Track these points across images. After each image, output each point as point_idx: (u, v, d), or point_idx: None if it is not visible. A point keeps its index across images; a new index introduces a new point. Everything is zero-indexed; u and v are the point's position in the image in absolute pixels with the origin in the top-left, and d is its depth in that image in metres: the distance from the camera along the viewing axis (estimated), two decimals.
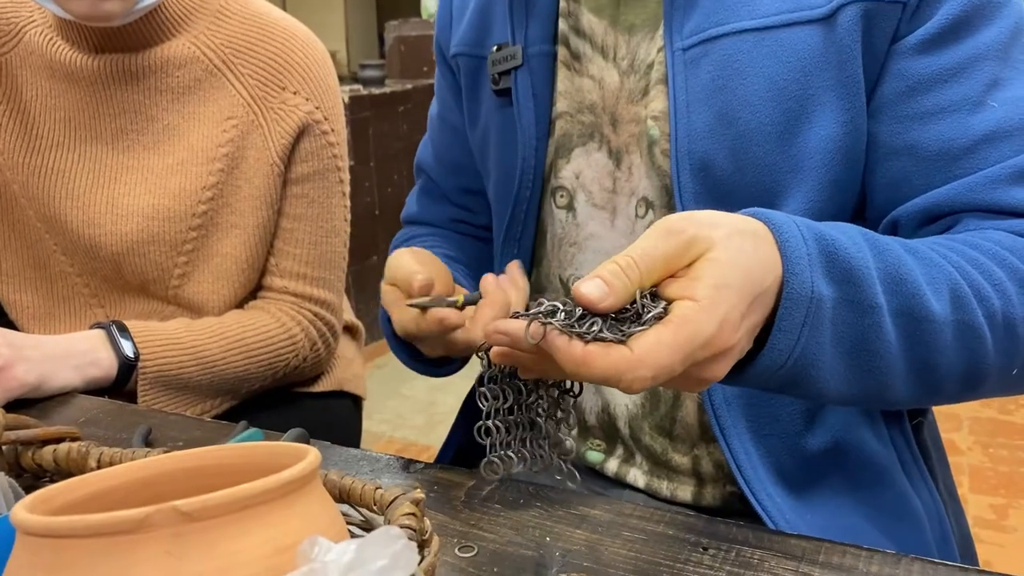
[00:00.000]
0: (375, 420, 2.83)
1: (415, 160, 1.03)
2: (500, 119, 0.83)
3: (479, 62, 0.85)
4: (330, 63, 1.13)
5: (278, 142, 1.06)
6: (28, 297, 1.12)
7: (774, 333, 0.55)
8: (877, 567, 0.54)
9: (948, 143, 0.66)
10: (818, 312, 0.56)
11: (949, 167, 0.66)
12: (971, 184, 0.65)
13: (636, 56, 0.75)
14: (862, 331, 0.58)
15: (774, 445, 0.72)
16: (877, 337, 0.58)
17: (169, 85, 1.05)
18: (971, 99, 0.66)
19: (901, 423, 0.75)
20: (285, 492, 0.36)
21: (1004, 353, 0.62)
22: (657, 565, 0.55)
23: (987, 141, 0.65)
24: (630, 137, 0.76)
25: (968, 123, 0.66)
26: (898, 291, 0.59)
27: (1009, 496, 2.29)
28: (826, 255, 0.57)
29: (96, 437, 0.78)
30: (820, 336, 0.56)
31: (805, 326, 0.55)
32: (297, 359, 1.10)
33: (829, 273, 0.57)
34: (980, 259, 0.62)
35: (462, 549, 0.58)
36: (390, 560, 0.32)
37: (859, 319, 0.58)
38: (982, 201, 0.65)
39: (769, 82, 0.68)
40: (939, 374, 0.62)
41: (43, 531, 0.34)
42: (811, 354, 0.57)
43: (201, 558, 0.33)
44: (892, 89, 0.68)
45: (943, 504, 0.75)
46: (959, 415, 2.74)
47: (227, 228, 1.07)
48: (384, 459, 0.72)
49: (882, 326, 0.58)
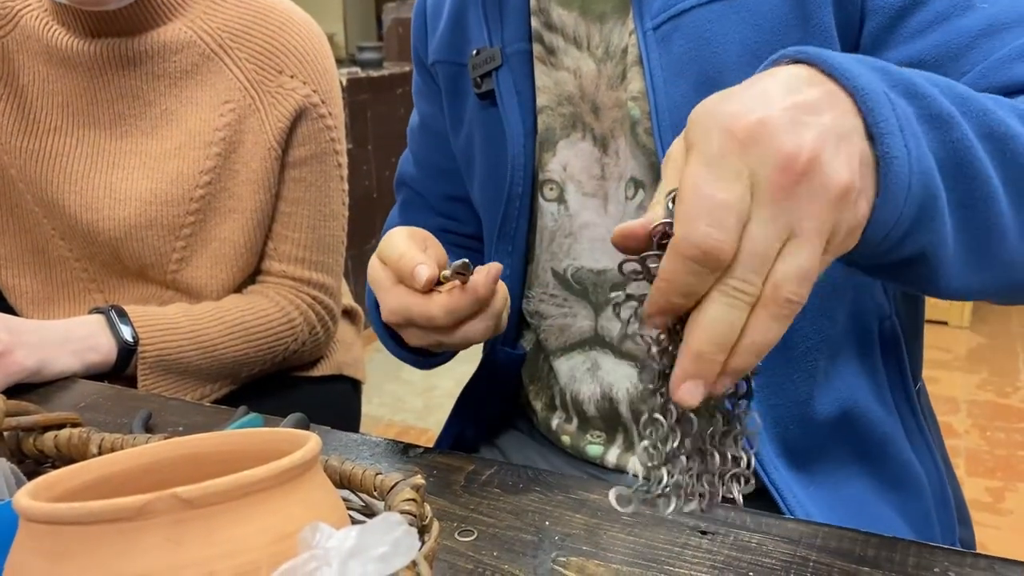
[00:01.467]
0: (374, 404, 2.83)
1: (396, 178, 1.02)
2: (484, 120, 0.83)
3: (458, 69, 0.85)
4: (327, 46, 1.13)
5: (275, 126, 1.06)
6: (27, 282, 1.12)
7: (879, 138, 0.43)
8: (874, 550, 0.54)
9: (947, 46, 0.64)
10: (905, 115, 0.45)
11: (954, 65, 0.64)
12: (984, 71, 0.62)
13: (610, 43, 0.75)
14: (954, 149, 0.48)
15: (781, 414, 0.72)
16: (971, 155, 0.49)
17: (166, 70, 1.05)
18: (959, 5, 0.64)
19: (905, 387, 0.76)
20: (286, 479, 0.36)
21: None
22: (656, 549, 0.56)
23: (986, 35, 0.63)
24: (614, 122, 0.76)
25: (961, 24, 0.64)
26: (967, 110, 0.50)
27: (1005, 479, 2.30)
28: (875, 68, 0.47)
29: (96, 422, 0.78)
30: (922, 146, 0.46)
31: (904, 131, 0.44)
32: (296, 343, 1.11)
33: (890, 84, 0.46)
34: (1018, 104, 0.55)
35: (462, 533, 0.58)
36: (391, 546, 0.33)
37: (945, 134, 0.48)
38: (999, 82, 0.60)
39: (741, 47, 0.68)
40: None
41: (45, 518, 0.34)
42: (927, 166, 0.46)
43: (202, 545, 0.33)
44: (878, 24, 0.67)
45: (943, 470, 0.76)
46: (957, 398, 2.75)
47: (225, 212, 1.07)
48: (383, 443, 0.73)
49: (971, 142, 0.49)
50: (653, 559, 0.55)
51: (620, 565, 0.54)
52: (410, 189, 0.99)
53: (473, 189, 0.89)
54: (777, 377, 0.72)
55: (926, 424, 0.78)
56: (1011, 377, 2.94)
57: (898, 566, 0.53)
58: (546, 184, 0.81)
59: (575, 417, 0.84)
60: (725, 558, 0.55)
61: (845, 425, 0.73)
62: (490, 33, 0.80)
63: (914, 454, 0.74)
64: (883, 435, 0.73)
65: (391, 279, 0.65)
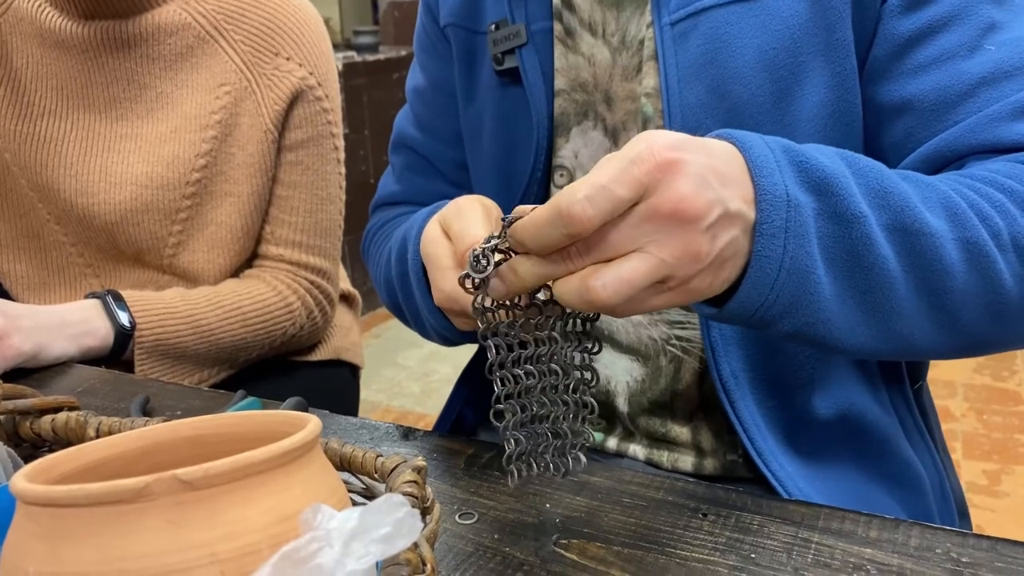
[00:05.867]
0: (372, 390, 2.83)
1: (393, 136, 0.96)
2: (501, 98, 0.80)
3: (472, 36, 0.82)
4: (323, 28, 1.12)
5: (271, 108, 1.05)
6: (22, 267, 1.11)
7: (757, 239, 0.51)
8: (876, 532, 0.54)
9: (945, 91, 0.65)
10: (799, 218, 0.52)
11: (949, 114, 0.65)
12: (972, 125, 0.63)
13: (627, 33, 0.74)
14: (852, 245, 0.54)
15: (780, 415, 0.72)
16: (870, 251, 0.54)
17: (161, 52, 1.04)
18: (965, 45, 0.64)
19: (902, 387, 0.76)
20: (287, 460, 0.36)
21: (1020, 279, 0.58)
22: (657, 531, 0.56)
23: (985, 83, 0.63)
24: (626, 115, 0.75)
25: (963, 68, 0.64)
26: (884, 204, 0.55)
27: (1002, 462, 2.31)
28: (796, 164, 0.53)
29: (94, 407, 0.78)
30: (808, 246, 0.52)
31: (789, 232, 0.51)
32: (294, 327, 1.10)
33: (802, 182, 0.53)
34: (977, 184, 0.59)
35: (462, 516, 0.58)
36: (393, 527, 0.32)
37: (846, 231, 0.54)
38: (985, 140, 0.63)
39: (759, 52, 0.67)
40: (954, 299, 0.57)
41: (43, 500, 0.33)
42: (803, 266, 0.52)
43: (202, 527, 0.33)
44: (884, 51, 0.67)
45: (943, 467, 0.76)
46: (954, 382, 2.76)
47: (221, 196, 1.06)
48: (383, 427, 0.72)
49: (873, 239, 0.54)
50: (654, 541, 0.55)
51: (621, 547, 0.54)
52: (414, 152, 0.93)
53: (478, 163, 0.86)
54: (773, 378, 0.72)
55: (925, 424, 0.77)
56: (1008, 361, 2.95)
57: (900, 547, 0.53)
58: (557, 170, 0.79)
59: None
60: (726, 540, 0.54)
61: (844, 425, 0.73)
62: (512, 7, 0.77)
63: (915, 453, 0.74)
64: (882, 435, 0.73)
65: (452, 258, 0.57)
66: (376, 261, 0.86)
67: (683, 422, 0.77)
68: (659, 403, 0.78)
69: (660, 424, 0.78)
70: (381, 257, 0.84)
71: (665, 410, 0.78)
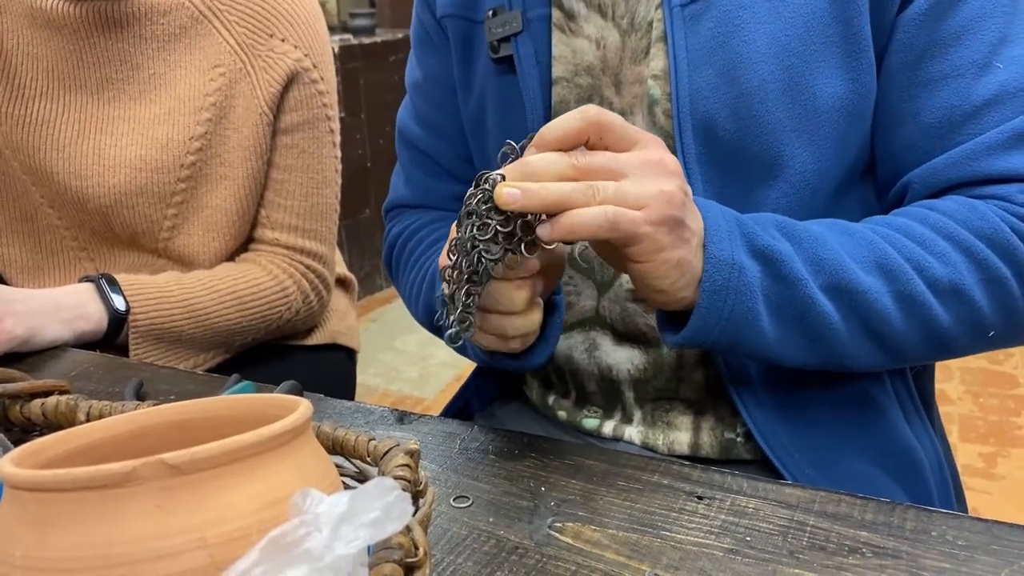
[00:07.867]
0: (369, 374, 2.83)
1: (397, 130, 0.94)
2: (499, 88, 0.79)
3: (470, 26, 0.80)
4: (319, 10, 1.11)
5: (266, 91, 1.04)
6: (16, 251, 1.11)
7: (700, 293, 0.59)
8: (872, 515, 0.54)
9: (950, 111, 0.66)
10: (741, 279, 0.60)
11: (952, 134, 0.66)
12: (967, 152, 0.65)
13: (636, 14, 0.72)
14: (796, 302, 0.62)
15: (781, 400, 0.72)
16: (813, 308, 0.62)
17: (154, 33, 1.02)
18: (976, 62, 0.65)
19: (903, 373, 0.75)
20: (276, 444, 0.35)
21: (962, 320, 0.64)
22: (652, 514, 0.55)
23: (989, 106, 0.65)
24: (633, 98, 0.74)
25: (971, 88, 0.65)
26: (820, 270, 0.62)
27: (998, 445, 2.31)
28: (745, 236, 0.61)
29: (88, 391, 0.78)
30: (752, 302, 0.60)
31: (730, 291, 0.59)
32: (290, 312, 1.10)
33: (750, 252, 0.61)
34: (923, 233, 0.64)
35: (457, 500, 0.58)
36: (383, 511, 0.32)
37: (789, 291, 0.61)
38: (977, 171, 0.65)
39: (771, 38, 0.66)
40: (896, 341, 0.64)
41: (29, 485, 0.33)
42: (746, 321, 0.60)
43: (191, 511, 0.32)
44: (898, 60, 0.67)
45: (942, 454, 0.76)
46: (950, 365, 2.76)
47: (216, 179, 1.05)
48: (378, 411, 0.72)
49: (814, 298, 0.62)
50: (649, 524, 0.54)
51: (616, 530, 0.54)
52: (416, 150, 0.92)
53: (482, 155, 0.84)
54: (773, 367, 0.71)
55: (926, 409, 0.78)
56: None
57: (896, 530, 0.53)
58: None
59: (573, 391, 0.83)
60: (722, 523, 0.54)
61: (845, 409, 0.73)
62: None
63: (914, 435, 0.74)
64: (883, 420, 0.73)
65: None
66: (410, 279, 0.86)
67: (687, 406, 0.77)
68: (664, 389, 0.77)
69: (664, 412, 0.78)
70: (416, 276, 0.84)
71: (672, 395, 0.78)
